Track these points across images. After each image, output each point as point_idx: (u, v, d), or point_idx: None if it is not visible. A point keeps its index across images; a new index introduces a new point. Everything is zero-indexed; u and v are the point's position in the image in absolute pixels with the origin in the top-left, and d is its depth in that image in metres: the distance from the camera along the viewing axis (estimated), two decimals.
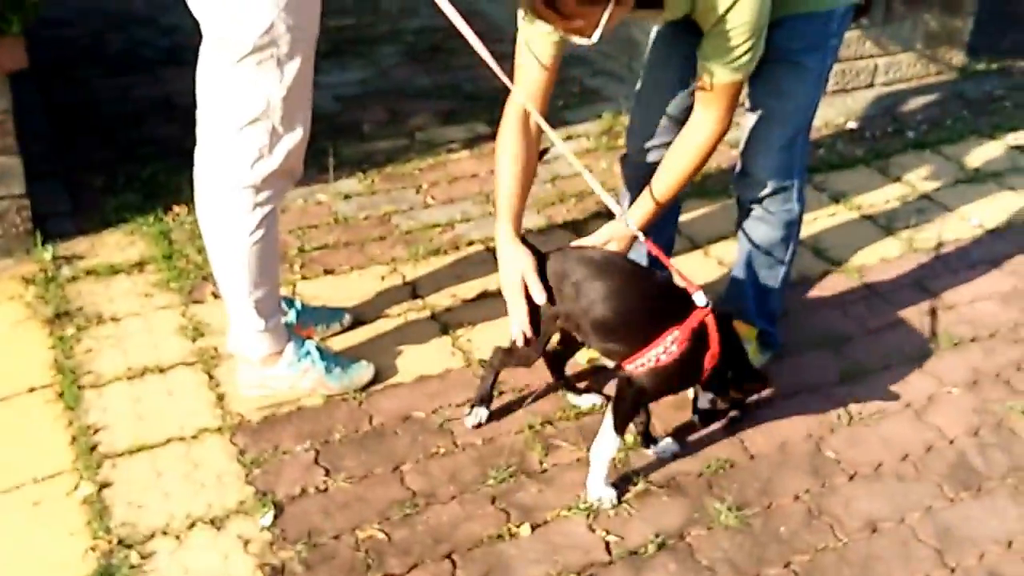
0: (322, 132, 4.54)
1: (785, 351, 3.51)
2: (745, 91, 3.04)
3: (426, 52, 6.18)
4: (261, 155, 2.85)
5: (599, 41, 2.59)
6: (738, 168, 3.27)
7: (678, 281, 2.91)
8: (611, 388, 3.17)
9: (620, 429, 2.88)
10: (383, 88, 5.67)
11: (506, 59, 2.91)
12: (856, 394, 3.37)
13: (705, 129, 2.92)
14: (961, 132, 5.37)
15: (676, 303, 2.84)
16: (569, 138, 5.04)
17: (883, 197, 4.67)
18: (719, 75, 2.81)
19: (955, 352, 3.60)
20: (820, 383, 3.42)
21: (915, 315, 3.79)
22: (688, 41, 2.92)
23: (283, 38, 2.69)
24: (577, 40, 2.64)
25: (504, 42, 6.23)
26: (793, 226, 3.30)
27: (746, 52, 2.76)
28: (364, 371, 3.30)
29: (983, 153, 5.16)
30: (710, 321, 2.82)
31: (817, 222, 4.38)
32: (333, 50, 5.98)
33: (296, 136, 2.88)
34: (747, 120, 3.19)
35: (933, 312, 3.80)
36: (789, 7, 2.92)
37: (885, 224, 4.43)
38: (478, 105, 5.42)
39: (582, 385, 3.34)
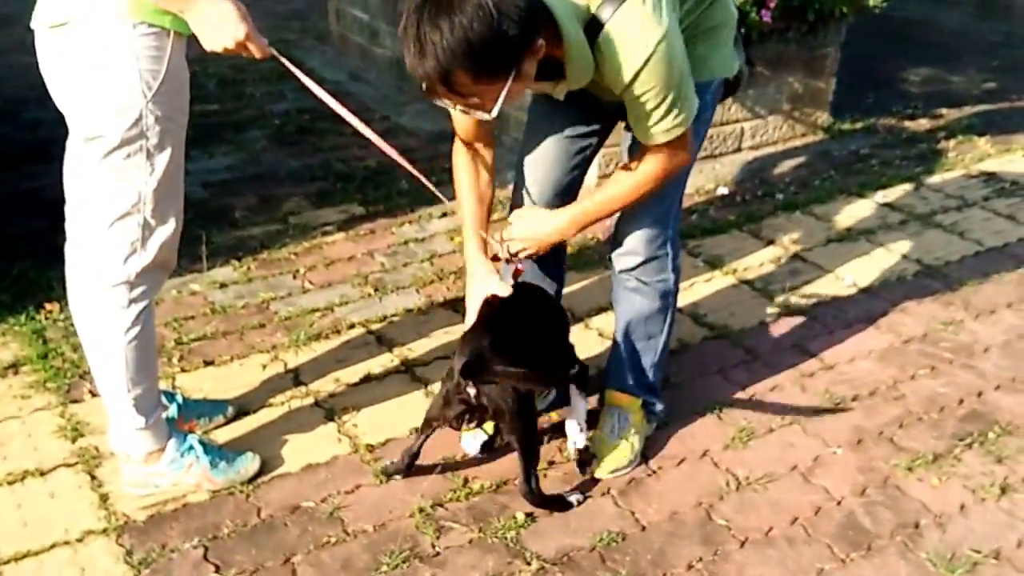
0: (193, 220, 4.44)
1: (670, 419, 3.52)
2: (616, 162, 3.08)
3: (294, 134, 6.16)
4: (134, 250, 2.80)
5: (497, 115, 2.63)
6: (612, 238, 3.27)
7: None
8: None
9: None
10: (253, 173, 5.63)
11: (382, 139, 2.91)
12: (743, 459, 3.38)
13: (648, 165, 2.92)
14: (830, 191, 5.49)
15: None
16: (444, 215, 5.05)
17: (757, 260, 4.73)
18: (656, 139, 2.82)
19: (837, 412, 3.64)
20: (706, 449, 3.43)
21: (796, 377, 3.83)
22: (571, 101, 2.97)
23: (152, 129, 2.66)
24: (476, 115, 2.65)
25: (372, 122, 6.29)
26: (668, 296, 3.29)
27: (669, 111, 2.74)
28: (250, 463, 3.25)
29: (853, 212, 5.26)
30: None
31: (694, 288, 4.43)
32: (199, 136, 5.87)
33: (169, 228, 2.85)
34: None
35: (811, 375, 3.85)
36: None
37: (761, 287, 4.48)
38: (351, 185, 5.41)
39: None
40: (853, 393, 3.74)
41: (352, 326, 4.12)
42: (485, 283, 3.07)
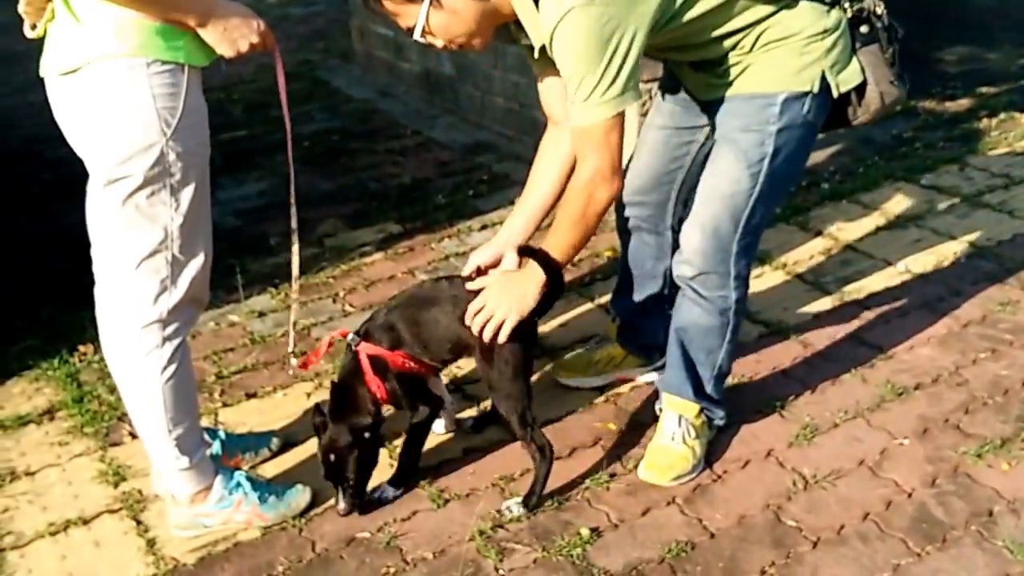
0: (226, 250, 4.43)
1: (731, 420, 3.44)
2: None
3: (325, 156, 6.12)
4: (164, 288, 2.76)
5: (435, 40, 2.84)
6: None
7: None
8: (576, 459, 3.27)
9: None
10: (285, 198, 5.52)
11: (407, 154, 2.87)
12: (809, 457, 3.31)
13: (579, 174, 2.86)
14: (875, 178, 5.40)
15: None
16: (484, 227, 4.98)
17: (807, 253, 4.66)
18: (574, 116, 2.75)
19: (901, 402, 3.56)
20: (771, 449, 3.36)
21: (856, 369, 3.75)
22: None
23: (175, 166, 2.63)
24: (409, 38, 2.84)
25: (403, 137, 6.28)
26: (728, 313, 3.16)
27: (581, 86, 2.66)
28: (300, 496, 3.18)
29: (900, 197, 5.18)
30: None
31: None
32: (228, 164, 5.88)
33: (198, 262, 2.81)
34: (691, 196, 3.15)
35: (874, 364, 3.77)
36: (731, 88, 2.91)
37: (813, 280, 4.41)
38: (386, 204, 5.36)
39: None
40: (916, 381, 3.67)
41: None
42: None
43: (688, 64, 3.04)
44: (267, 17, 2.66)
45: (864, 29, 2.98)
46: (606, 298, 4.07)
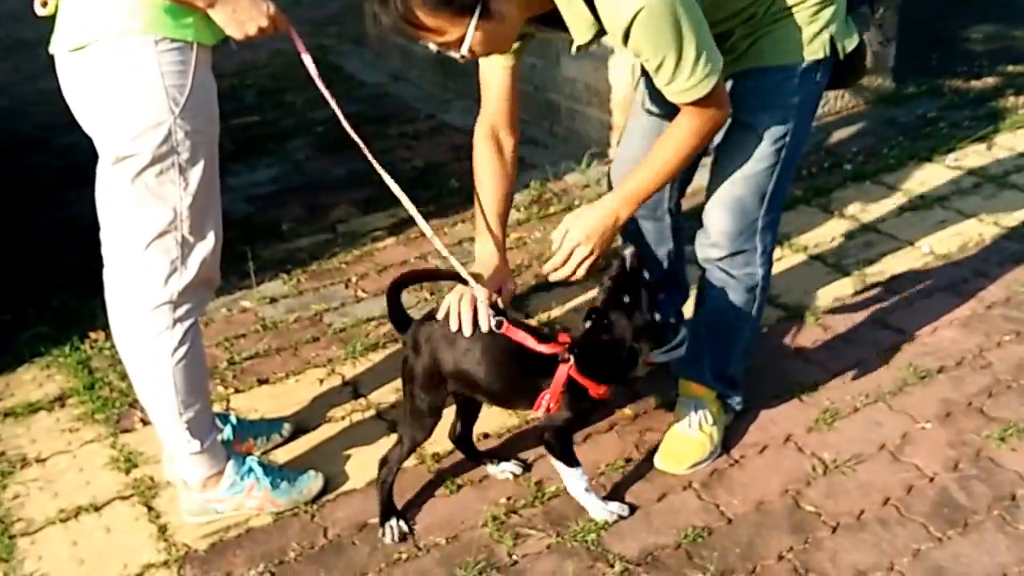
0: (238, 236, 4.42)
1: (750, 405, 3.41)
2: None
3: (338, 141, 6.02)
4: (174, 268, 2.74)
5: (474, 56, 2.59)
6: (700, 222, 3.13)
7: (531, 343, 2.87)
8: (526, 452, 3.29)
9: (570, 461, 2.97)
10: (297, 183, 5.56)
11: (420, 138, 2.81)
12: (828, 441, 3.28)
13: (679, 126, 2.76)
14: (899, 159, 5.35)
15: (541, 358, 2.86)
16: None
17: (828, 235, 4.62)
18: (676, 99, 2.67)
19: (923, 385, 3.53)
20: (790, 434, 3.33)
21: (878, 352, 3.72)
22: None
23: (183, 144, 2.61)
24: (450, 54, 2.58)
25: (416, 121, 6.24)
26: (755, 290, 3.14)
27: (677, 71, 2.57)
28: (313, 482, 3.16)
29: (924, 178, 5.14)
30: (573, 373, 2.84)
31: None
32: (240, 150, 5.85)
33: (209, 243, 2.79)
34: (707, 174, 3.08)
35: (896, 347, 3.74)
36: (744, 61, 2.85)
37: (834, 262, 4.38)
38: (399, 188, 5.27)
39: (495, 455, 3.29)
40: (939, 364, 3.64)
41: None
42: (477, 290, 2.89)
43: None
44: (279, 2, 2.62)
45: None
46: None
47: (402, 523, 3.01)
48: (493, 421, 3.39)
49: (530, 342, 2.84)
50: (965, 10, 7.91)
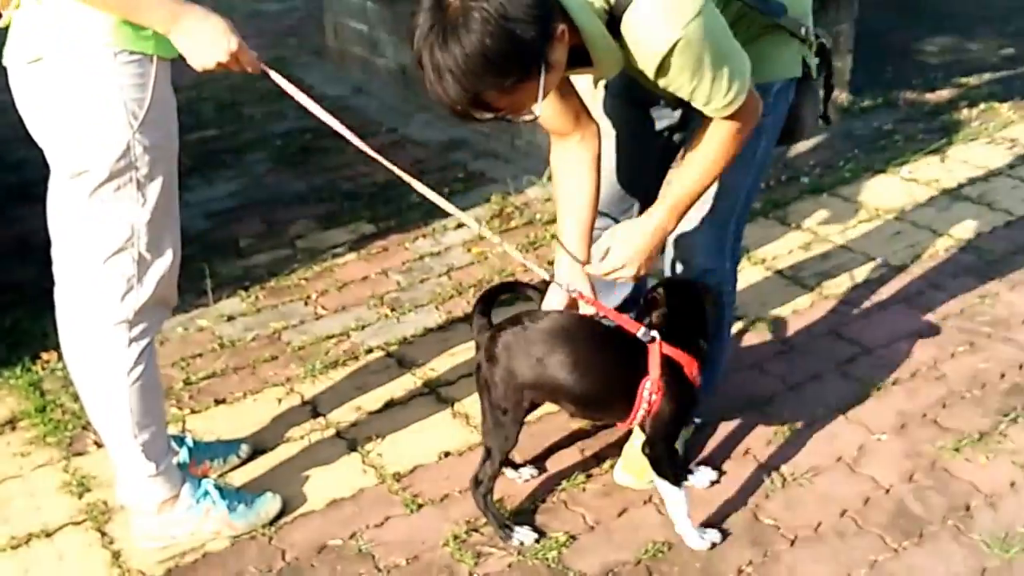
0: (196, 252, 4.38)
1: (708, 419, 3.42)
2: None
3: (297, 155, 6.05)
4: (130, 286, 2.70)
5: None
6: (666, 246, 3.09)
7: (625, 324, 2.83)
8: (552, 461, 3.30)
9: (674, 479, 2.91)
10: (256, 198, 5.50)
11: (381, 152, 2.78)
12: (786, 454, 3.31)
13: (715, 133, 2.70)
14: (855, 171, 5.40)
15: (630, 350, 2.81)
16: (460, 226, 4.90)
17: (786, 247, 4.64)
18: (714, 116, 2.63)
19: (879, 398, 3.57)
20: (748, 447, 3.34)
21: (835, 365, 3.75)
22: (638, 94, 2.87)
23: (141, 159, 2.57)
24: (521, 119, 2.49)
25: (379, 135, 6.21)
26: (724, 309, 3.14)
27: (714, 90, 2.53)
28: (270, 504, 3.13)
29: (880, 190, 5.18)
30: (666, 350, 2.81)
31: None
32: (198, 164, 5.80)
33: (166, 261, 2.75)
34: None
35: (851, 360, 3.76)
36: None
37: (792, 275, 4.40)
38: (359, 203, 5.29)
39: (518, 460, 3.27)
40: (894, 376, 3.67)
41: (370, 350, 4.00)
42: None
43: None
44: (239, 13, 2.57)
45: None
46: None
47: (527, 527, 3.01)
48: None
49: (624, 321, 2.82)
50: (920, 22, 7.97)
